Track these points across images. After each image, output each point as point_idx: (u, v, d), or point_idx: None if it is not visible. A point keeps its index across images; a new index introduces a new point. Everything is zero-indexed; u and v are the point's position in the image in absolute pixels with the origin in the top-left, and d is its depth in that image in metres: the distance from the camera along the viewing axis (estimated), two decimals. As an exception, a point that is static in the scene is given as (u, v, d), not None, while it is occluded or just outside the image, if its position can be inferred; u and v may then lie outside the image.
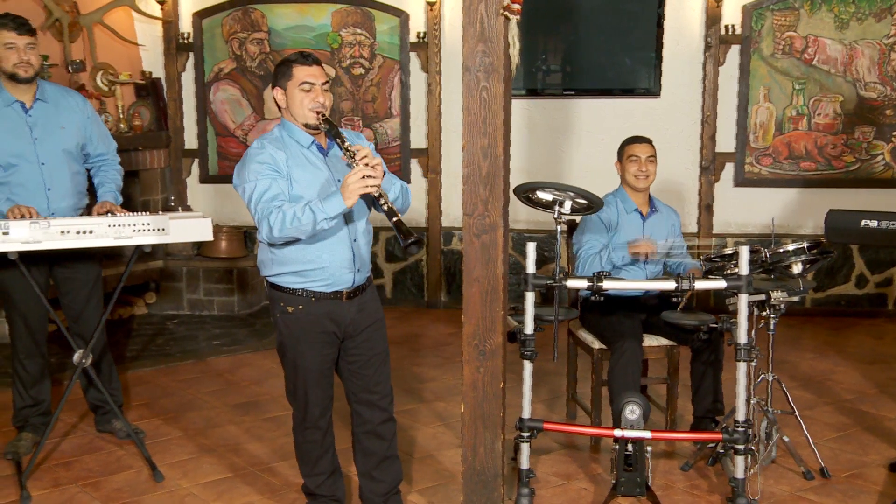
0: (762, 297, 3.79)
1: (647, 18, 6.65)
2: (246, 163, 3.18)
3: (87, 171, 4.27)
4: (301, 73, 3.18)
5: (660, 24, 6.63)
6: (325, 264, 3.19)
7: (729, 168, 6.77)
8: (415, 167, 7.08)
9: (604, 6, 6.72)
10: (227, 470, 4.07)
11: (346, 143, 3.11)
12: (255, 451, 4.29)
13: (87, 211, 4.22)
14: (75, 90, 4.66)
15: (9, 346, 4.32)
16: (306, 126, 3.22)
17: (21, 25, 3.94)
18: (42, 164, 4.01)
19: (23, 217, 3.78)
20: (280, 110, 3.28)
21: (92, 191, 4.27)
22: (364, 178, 3.00)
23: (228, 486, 3.91)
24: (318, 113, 3.17)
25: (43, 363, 4.23)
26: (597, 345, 4.29)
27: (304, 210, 3.04)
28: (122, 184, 4.29)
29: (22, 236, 3.60)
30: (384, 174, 3.14)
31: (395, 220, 3.03)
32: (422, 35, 6.91)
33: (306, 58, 3.21)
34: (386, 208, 3.05)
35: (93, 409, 4.49)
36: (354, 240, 3.24)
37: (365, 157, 3.05)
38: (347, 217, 3.19)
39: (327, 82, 3.22)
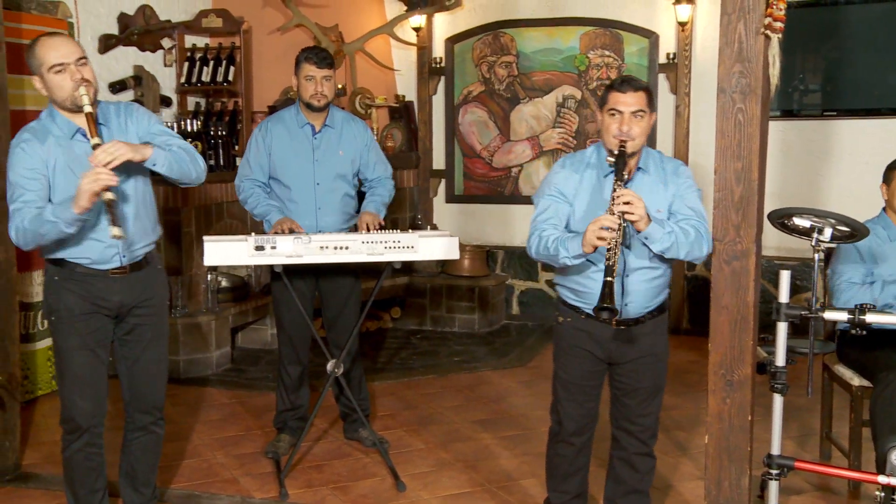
0: None
1: (923, 31, 6.16)
2: (546, 177, 3.27)
3: (360, 193, 4.51)
4: (612, 98, 3.12)
5: (937, 37, 6.12)
6: (592, 290, 3.16)
7: None
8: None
9: (873, 20, 6.28)
10: (465, 484, 4.15)
11: (616, 185, 2.99)
12: (493, 467, 4.35)
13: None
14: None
15: (277, 353, 4.65)
16: (611, 153, 3.13)
17: (322, 60, 4.21)
18: (317, 184, 4.30)
19: (290, 231, 4.08)
20: None
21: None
22: (602, 228, 2.90)
23: (467, 501, 3.98)
24: (620, 142, 3.08)
25: (302, 370, 4.50)
26: (856, 381, 4.00)
27: (555, 243, 3.06)
28: (390, 202, 4.50)
29: (287, 250, 3.88)
30: (647, 220, 2.97)
31: (607, 277, 2.89)
32: (671, 56, 6.78)
33: (623, 83, 3.12)
34: (606, 263, 2.91)
35: (343, 417, 4.73)
36: (627, 275, 3.17)
37: (622, 205, 2.92)
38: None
39: (640, 111, 3.10)
